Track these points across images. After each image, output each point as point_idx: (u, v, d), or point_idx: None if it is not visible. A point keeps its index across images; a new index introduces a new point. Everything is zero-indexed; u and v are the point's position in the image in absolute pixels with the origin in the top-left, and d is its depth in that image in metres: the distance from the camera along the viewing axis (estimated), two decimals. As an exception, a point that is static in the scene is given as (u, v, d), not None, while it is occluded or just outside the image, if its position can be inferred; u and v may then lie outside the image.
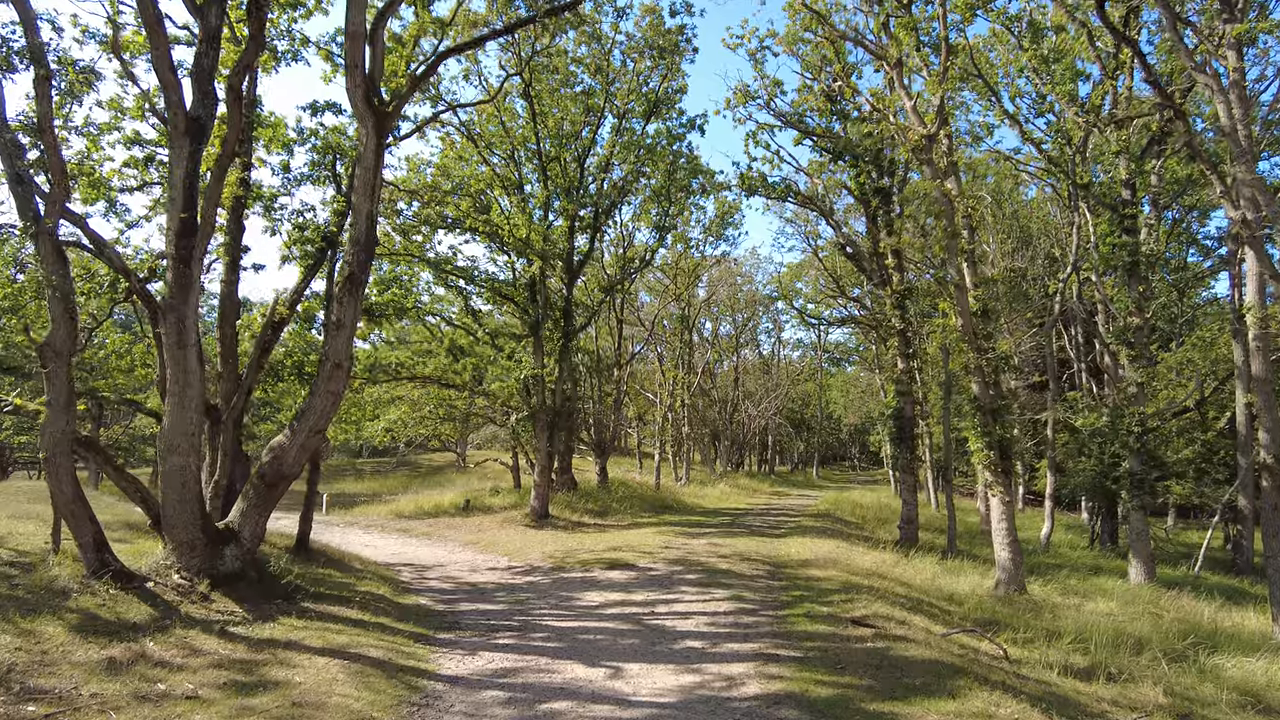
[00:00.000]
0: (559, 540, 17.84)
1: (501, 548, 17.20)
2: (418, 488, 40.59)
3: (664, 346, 40.64)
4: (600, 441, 30.49)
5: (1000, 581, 14.24)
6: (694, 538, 18.22)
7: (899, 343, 20.50)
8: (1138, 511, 17.34)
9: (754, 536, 18.86)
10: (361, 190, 10.57)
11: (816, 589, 11.58)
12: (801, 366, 65.95)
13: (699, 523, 22.53)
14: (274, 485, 10.22)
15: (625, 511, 24.57)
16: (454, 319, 25.83)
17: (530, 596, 11.45)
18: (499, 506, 24.79)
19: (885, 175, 21.36)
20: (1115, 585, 16.88)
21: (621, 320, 31.86)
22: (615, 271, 29.37)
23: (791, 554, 15.78)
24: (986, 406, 14.15)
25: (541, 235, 20.82)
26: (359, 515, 26.69)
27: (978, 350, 13.95)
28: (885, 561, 15.86)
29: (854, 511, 27.78)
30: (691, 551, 15.45)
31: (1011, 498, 14.22)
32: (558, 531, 19.75)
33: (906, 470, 20.65)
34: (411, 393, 30.00)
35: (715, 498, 33.63)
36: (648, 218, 30.22)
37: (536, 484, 21.92)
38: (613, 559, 14.34)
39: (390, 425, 27.18)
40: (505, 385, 22.10)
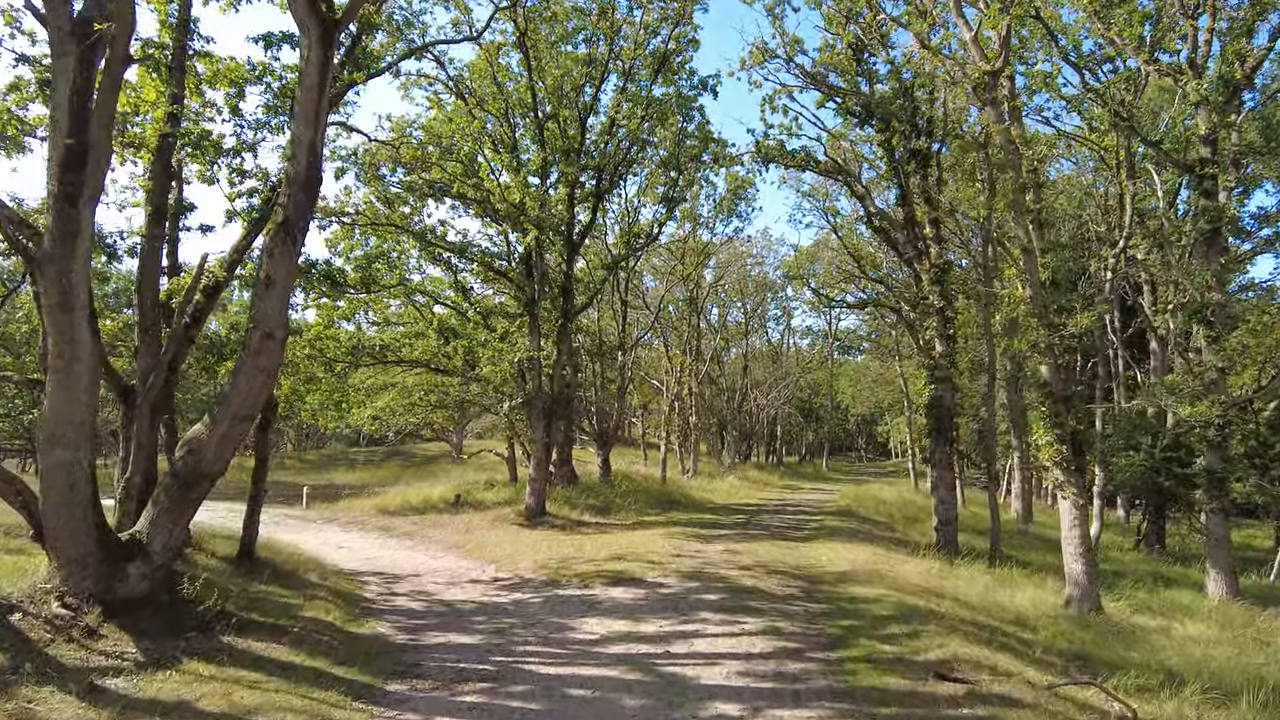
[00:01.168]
0: (555, 544, 15.70)
1: (489, 552, 15.08)
2: (409, 479, 38.55)
3: (670, 332, 38.43)
4: (602, 431, 28.33)
5: (1072, 599, 12.08)
6: (707, 541, 16.07)
7: (938, 323, 18.27)
8: (1216, 515, 15.14)
9: (775, 540, 16.71)
10: (302, 117, 8.37)
11: (868, 615, 9.42)
12: (811, 355, 63.69)
13: (711, 522, 20.38)
14: (191, 485, 8.06)
15: (629, 508, 22.43)
16: (443, 298, 23.66)
17: (515, 624, 9.30)
18: (492, 502, 22.67)
19: (922, 135, 19.07)
20: (1194, 600, 14.70)
21: (626, 301, 29.63)
22: (619, 248, 27.11)
23: (823, 563, 13.62)
24: (1058, 393, 11.95)
25: (538, 202, 18.58)
26: (341, 510, 24.64)
27: (1049, 326, 11.74)
28: (931, 572, 13.72)
29: (878, 509, 25.62)
30: (707, 561, 13.29)
31: (1085, 500, 12.04)
32: (554, 532, 17.61)
33: (944, 466, 18.45)
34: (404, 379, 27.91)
35: (725, 492, 31.50)
36: (653, 193, 27.96)
37: (532, 478, 19.79)
38: (616, 571, 12.17)
39: (378, 413, 24.96)
40: (498, 369, 19.94)
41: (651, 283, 42.04)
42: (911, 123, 19.27)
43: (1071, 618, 11.54)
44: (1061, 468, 11.99)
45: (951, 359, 18.29)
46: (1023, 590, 13.47)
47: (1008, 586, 13.81)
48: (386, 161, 20.51)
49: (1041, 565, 17.93)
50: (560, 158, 19.53)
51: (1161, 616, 13.36)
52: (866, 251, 35.14)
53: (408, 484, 34.24)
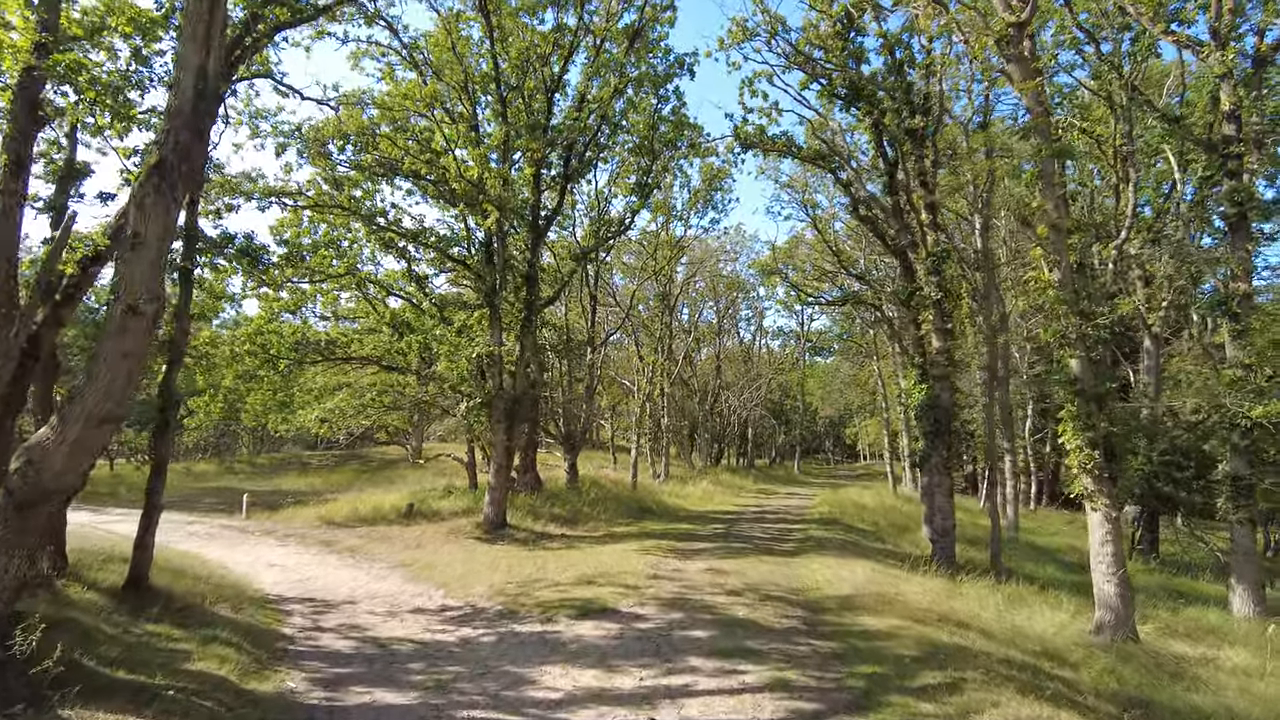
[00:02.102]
0: (515, 562, 13.90)
1: (440, 573, 13.21)
2: (363, 485, 36.45)
3: (641, 331, 36.75)
4: (570, 434, 26.53)
5: (1104, 625, 10.60)
6: (687, 557, 14.38)
7: (935, 316, 16.82)
8: (1243, 525, 13.84)
9: (761, 555, 15.08)
10: (189, 34, 6.58)
11: (889, 657, 7.79)
12: (783, 356, 62.46)
13: (688, 533, 18.70)
14: (30, 506, 6.15)
15: (598, 518, 20.67)
16: (396, 289, 21.73)
17: (460, 673, 7.51)
18: (448, 512, 20.76)
19: (918, 113, 17.61)
20: (1222, 620, 13.38)
21: (595, 297, 27.85)
22: (589, 240, 25.36)
23: (820, 584, 12.01)
24: (1090, 391, 10.47)
25: (500, 180, 16.78)
26: (284, 520, 22.52)
27: (1081, 314, 10.25)
28: (938, 593, 12.20)
29: (862, 517, 24.16)
30: (689, 583, 11.59)
31: (1118, 512, 10.57)
32: (515, 548, 15.79)
33: (941, 471, 17.01)
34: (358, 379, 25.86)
35: (699, 498, 29.85)
36: (624, 184, 26.27)
37: (491, 486, 17.95)
38: (585, 600, 10.40)
39: (327, 414, 22.84)
40: (455, 366, 18.08)
41: (621, 281, 40.38)
42: (906, 100, 17.82)
43: (1105, 647, 10.07)
44: (1092, 475, 10.51)
45: (950, 355, 16.85)
46: (1038, 611, 12.03)
47: (1021, 606, 12.37)
48: (334, 138, 18.59)
49: (1045, 579, 16.58)
50: (525, 132, 17.72)
51: (1196, 642, 11.99)
52: (844, 247, 33.88)
53: (360, 490, 32.16)
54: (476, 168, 16.32)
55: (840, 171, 22.68)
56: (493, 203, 16.56)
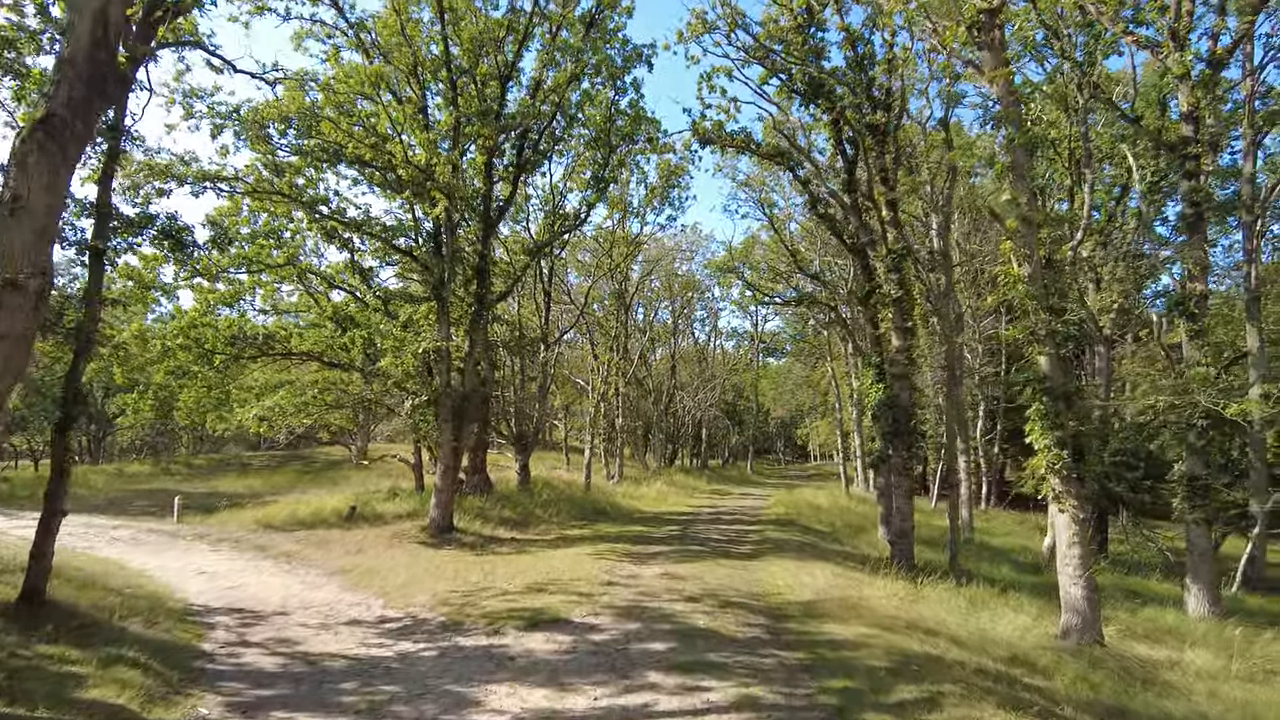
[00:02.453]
0: (462, 568, 13.16)
1: (381, 581, 12.41)
2: (305, 486, 35.15)
3: (597, 330, 36.11)
4: (521, 435, 25.77)
5: (1071, 629, 10.33)
6: (642, 562, 13.81)
7: (895, 315, 16.56)
8: (1199, 526, 13.81)
9: (719, 558, 14.58)
10: (86, -25, 5.77)
11: (860, 669, 7.32)
12: (737, 356, 62.44)
13: (643, 536, 18.15)
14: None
15: (551, 520, 20.00)
16: (339, 280, 20.75)
17: (396, 693, 6.81)
18: (392, 515, 19.85)
19: (879, 109, 17.35)
20: (1179, 621, 13.30)
21: (549, 293, 27.12)
22: (543, 235, 24.65)
23: (781, 589, 11.56)
24: (1058, 390, 10.20)
25: (450, 166, 16.00)
26: (218, 524, 21.33)
27: (1051, 310, 9.96)
28: (901, 597, 11.87)
29: (818, 517, 23.91)
30: (646, 590, 11.02)
31: (1087, 514, 10.32)
32: (462, 553, 15.04)
33: (901, 472, 16.75)
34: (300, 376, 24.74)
35: (653, 498, 29.35)
36: (580, 179, 25.64)
37: (438, 488, 17.15)
38: (535, 610, 9.73)
39: (265, 413, 21.66)
40: (400, 362, 17.24)
41: (576, 279, 39.67)
42: (868, 95, 17.55)
43: (1074, 652, 9.79)
44: (1060, 475, 10.24)
45: (909, 354, 16.61)
46: (1000, 614, 11.78)
47: (983, 609, 12.12)
48: (275, 120, 17.61)
49: (1003, 581, 16.42)
50: (477, 119, 16.96)
51: (1157, 643, 11.84)
52: (799, 248, 33.73)
53: (303, 492, 30.97)
54: (424, 153, 15.52)
55: (799, 169, 22.42)
56: (441, 190, 15.77)
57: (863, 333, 32.47)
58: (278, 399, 21.56)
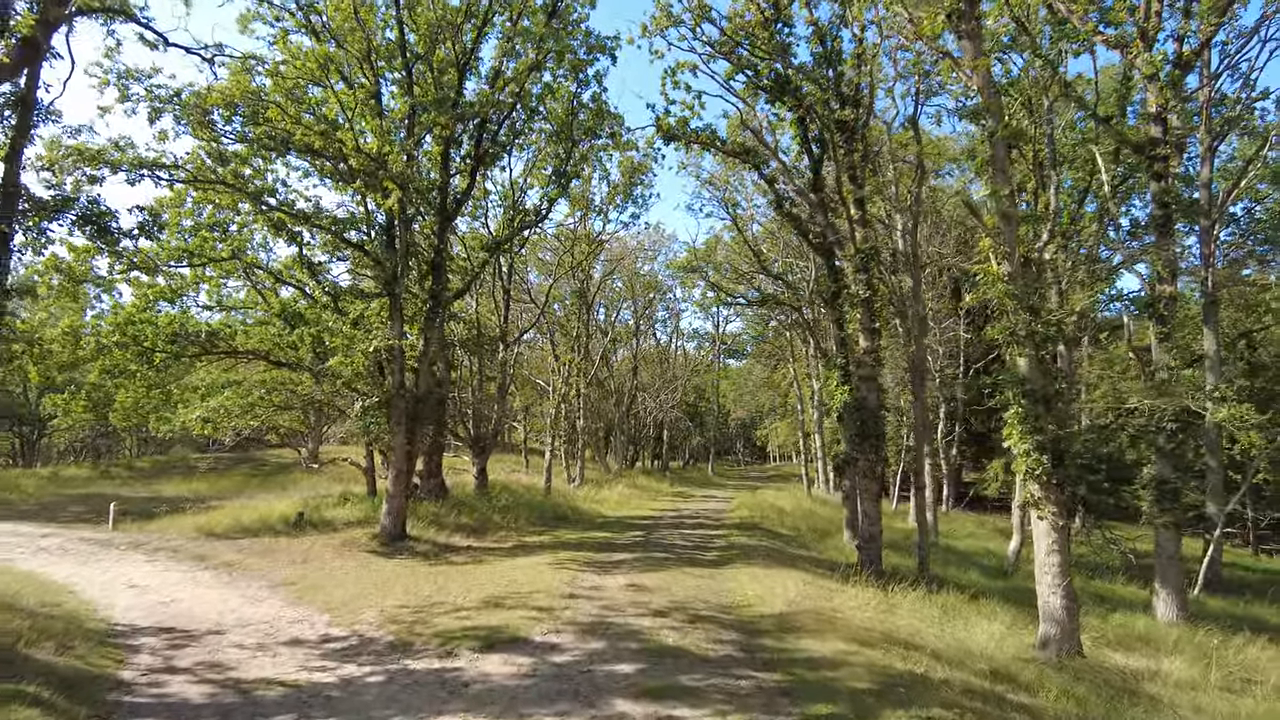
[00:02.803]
0: (414, 580, 12.42)
1: (327, 594, 11.62)
2: (253, 491, 33.75)
3: (557, 330, 35.40)
4: (479, 437, 24.96)
5: (1051, 639, 10.01)
6: (606, 571, 13.22)
7: (862, 315, 16.22)
8: (1168, 530, 13.69)
9: (685, 566, 14.05)
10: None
11: (844, 692, 6.83)
12: (699, 358, 62.16)
13: (605, 542, 17.55)
14: None
15: (509, 527, 19.28)
16: (287, 276, 19.78)
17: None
18: (342, 522, 18.94)
19: (848, 105, 17.02)
20: (1149, 626, 13.16)
21: (509, 291, 26.36)
22: (502, 231, 23.91)
23: (751, 600, 11.06)
24: (1038, 392, 9.87)
25: (404, 155, 15.24)
26: (157, 531, 20.14)
27: (1031, 310, 9.63)
28: (874, 607, 11.46)
29: (782, 521, 23.56)
30: (611, 604, 10.42)
31: (1067, 521, 10.01)
32: (415, 562, 14.29)
33: (868, 475, 16.42)
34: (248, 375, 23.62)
35: (615, 502, 28.75)
36: (540, 176, 24.96)
37: (390, 494, 16.35)
38: (492, 627, 9.07)
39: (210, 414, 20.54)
40: (349, 361, 16.39)
41: (537, 278, 38.92)
42: (836, 91, 17.21)
43: (1054, 664, 9.46)
44: (1040, 481, 9.91)
45: (877, 356, 16.29)
46: (974, 623, 11.45)
47: (956, 618, 11.78)
48: (219, 106, 16.63)
49: (971, 586, 16.21)
50: (432, 107, 16.20)
51: (1131, 651, 11.63)
52: (762, 249, 33.48)
53: (250, 497, 29.70)
54: (377, 141, 14.73)
55: (764, 167, 22.04)
56: (395, 180, 15.01)
57: (825, 334, 32.37)
58: (222, 399, 20.52)
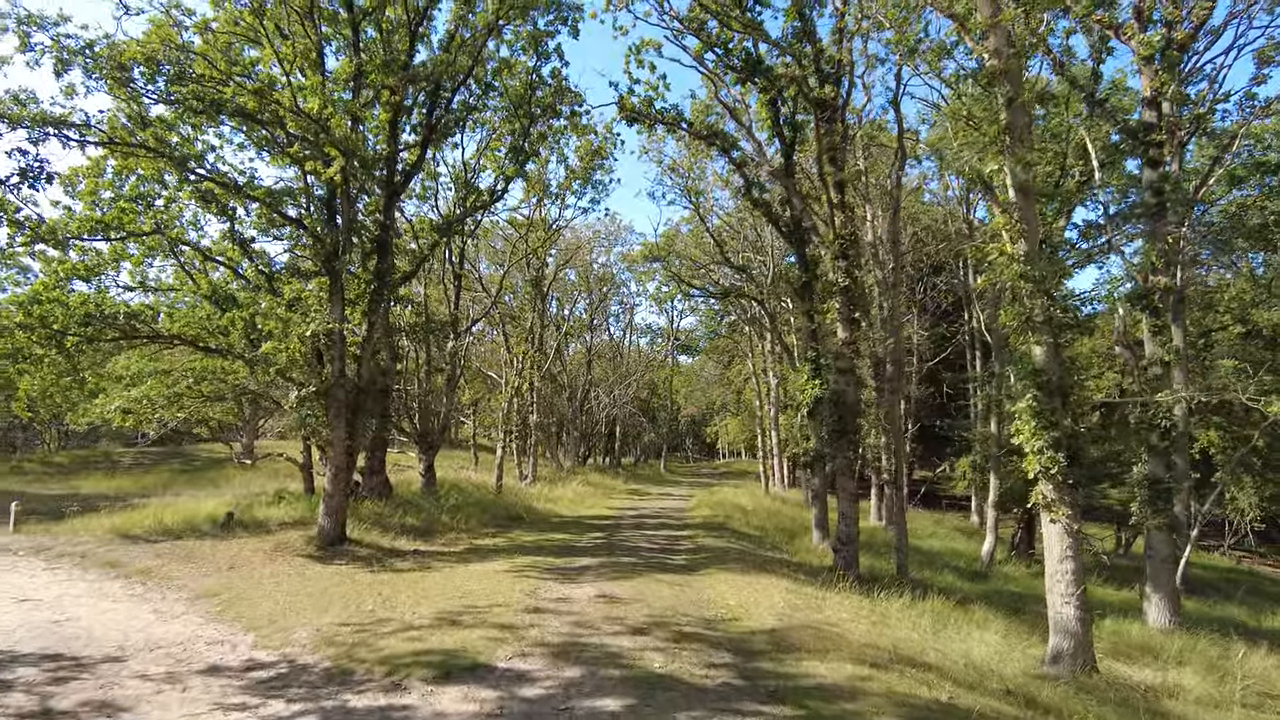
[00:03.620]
0: (355, 590, 11.04)
1: (254, 608, 10.17)
2: (181, 488, 31.51)
3: (509, 322, 33.91)
4: (426, 432, 23.43)
5: (1063, 654, 9.18)
6: (570, 579, 12.02)
7: (842, 305, 15.33)
8: (1161, 532, 13.11)
9: (656, 573, 12.92)
10: None
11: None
12: (653, 353, 61.19)
13: (565, 545, 16.34)
14: None
15: (460, 528, 17.91)
16: (213, 252, 18.04)
17: (251, 798, 4.83)
18: (277, 523, 17.33)
19: (827, 82, 16.10)
20: (1143, 633, 12.54)
21: (460, 276, 24.84)
22: (454, 213, 22.43)
23: (736, 612, 9.99)
24: (1054, 384, 9.01)
25: (349, 118, 13.77)
26: (66, 534, 18.13)
27: (1049, 295, 8.75)
28: (865, 618, 10.56)
29: (746, 520, 22.65)
30: (581, 618, 9.22)
31: (1080, 525, 9.19)
32: (356, 569, 12.87)
33: (845, 474, 15.52)
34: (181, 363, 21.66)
35: (570, 501, 27.52)
36: (494, 157, 23.55)
37: (327, 493, 14.85)
38: (448, 651, 7.78)
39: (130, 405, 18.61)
40: (284, 346, 14.83)
41: (488, 268, 37.34)
42: (815, 68, 16.27)
43: (1071, 681, 8.63)
44: (1055, 481, 9.07)
45: (856, 348, 15.41)
46: (968, 633, 10.64)
47: (948, 627, 10.96)
48: (139, 61, 14.87)
49: (951, 589, 15.48)
50: (380, 68, 14.73)
51: (1134, 661, 10.94)
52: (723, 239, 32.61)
53: (177, 494, 27.59)
54: (317, 101, 13.22)
55: (733, 151, 21.09)
56: (337, 146, 13.52)
57: (788, 328, 31.61)
58: (145, 389, 18.63)
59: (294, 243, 18.93)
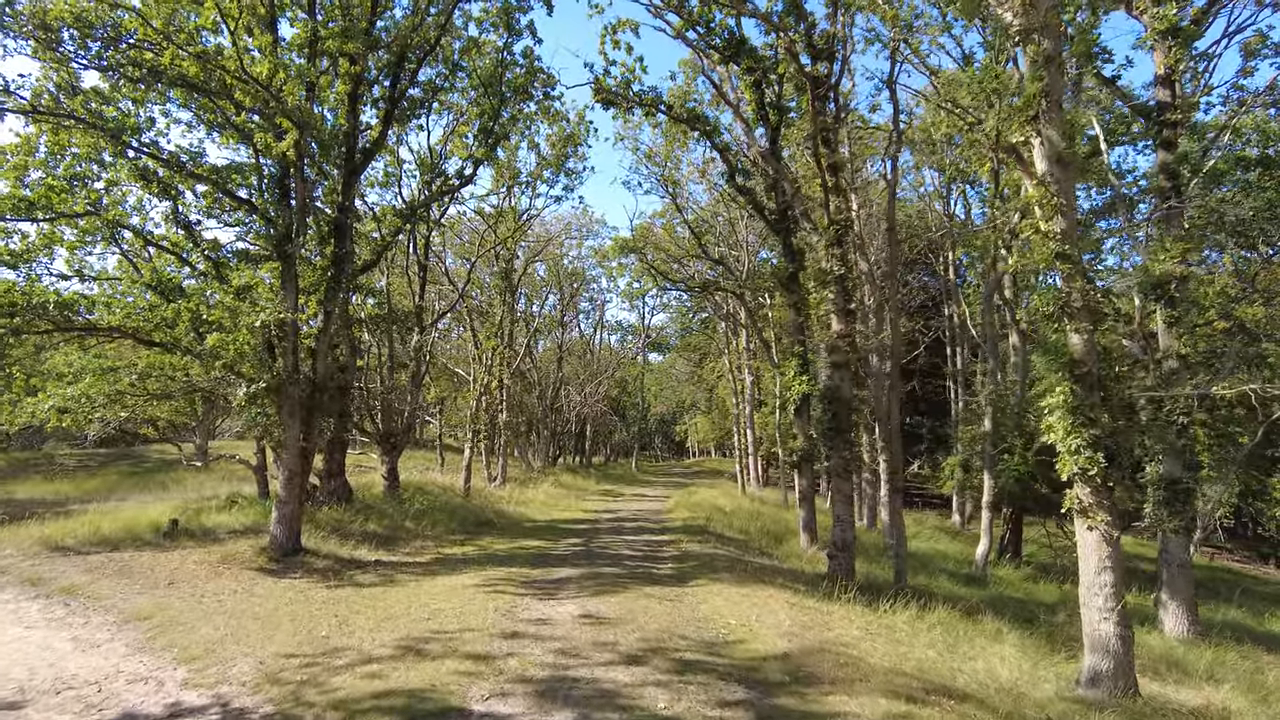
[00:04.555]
0: (308, 611, 9.79)
1: (189, 636, 8.88)
2: (128, 491, 29.59)
3: (477, 318, 32.55)
4: (389, 433, 22.06)
5: (1102, 675, 8.27)
6: (549, 594, 10.89)
7: (836, 295, 14.37)
8: (1178, 535, 12.35)
9: (643, 585, 11.83)
10: None
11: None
12: (623, 351, 60.07)
13: (540, 553, 15.17)
14: None
15: (425, 535, 16.68)
16: (154, 237, 16.57)
17: None
18: (227, 530, 15.95)
19: (820, 59, 15.14)
20: (1164, 645, 11.75)
21: (425, 266, 23.48)
22: (417, 197, 21.12)
23: (739, 632, 8.95)
24: (1093, 377, 8.11)
25: (303, 85, 12.47)
26: (-13, 544, 16.57)
27: (1086, 276, 7.84)
28: (884, 635, 9.58)
29: (728, 522, 21.65)
30: (566, 644, 8.10)
31: (1118, 532, 8.30)
32: (311, 584, 11.60)
33: (841, 475, 14.58)
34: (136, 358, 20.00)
35: (542, 503, 26.32)
36: (460, 145, 22.31)
37: (281, 499, 13.54)
38: (413, 692, 6.61)
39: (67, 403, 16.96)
40: (232, 339, 13.46)
41: (454, 263, 35.88)
42: (808, 43, 15.32)
43: (1117, 708, 7.72)
44: (1093, 485, 8.17)
45: (852, 340, 14.47)
46: (985, 649, 9.74)
47: (962, 641, 10.04)
48: (69, 23, 13.40)
49: (954, 597, 14.64)
50: (339, 37, 13.44)
51: (1165, 678, 10.11)
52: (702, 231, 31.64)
53: (122, 499, 25.83)
54: (267, 64, 11.90)
55: (715, 136, 20.12)
56: (290, 117, 12.22)
57: (766, 322, 30.74)
58: (83, 386, 17.02)
59: (246, 229, 17.47)
